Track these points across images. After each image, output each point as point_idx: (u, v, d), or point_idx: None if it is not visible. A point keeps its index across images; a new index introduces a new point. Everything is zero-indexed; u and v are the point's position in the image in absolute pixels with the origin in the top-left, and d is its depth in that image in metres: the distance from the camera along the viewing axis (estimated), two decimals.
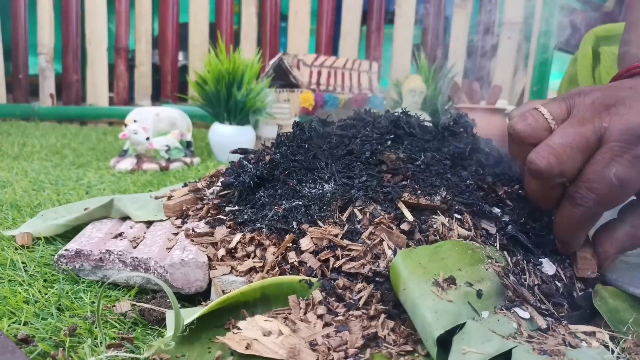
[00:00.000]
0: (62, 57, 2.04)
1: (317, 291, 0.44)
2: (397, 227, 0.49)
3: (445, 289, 0.41)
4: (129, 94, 2.09)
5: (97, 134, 1.73)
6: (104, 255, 0.52)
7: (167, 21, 2.05)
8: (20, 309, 0.44)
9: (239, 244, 0.52)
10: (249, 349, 0.37)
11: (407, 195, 0.51)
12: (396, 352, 0.39)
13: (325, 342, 0.38)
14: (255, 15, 2.03)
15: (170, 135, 1.24)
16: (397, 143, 0.59)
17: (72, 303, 0.47)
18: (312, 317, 0.41)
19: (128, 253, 0.52)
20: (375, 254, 0.47)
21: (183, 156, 1.26)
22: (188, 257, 0.49)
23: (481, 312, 0.41)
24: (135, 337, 0.41)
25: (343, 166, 0.57)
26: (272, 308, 0.44)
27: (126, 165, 1.15)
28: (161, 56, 2.09)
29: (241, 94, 1.27)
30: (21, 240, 0.60)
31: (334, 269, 0.47)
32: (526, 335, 0.40)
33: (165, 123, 1.25)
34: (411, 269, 0.42)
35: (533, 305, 0.44)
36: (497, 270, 0.46)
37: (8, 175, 0.98)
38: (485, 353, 0.35)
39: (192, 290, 0.49)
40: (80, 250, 0.53)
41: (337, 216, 0.51)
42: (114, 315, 0.45)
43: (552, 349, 0.38)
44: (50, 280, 0.52)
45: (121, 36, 2.05)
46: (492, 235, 0.51)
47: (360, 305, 0.43)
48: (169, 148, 1.22)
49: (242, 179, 0.59)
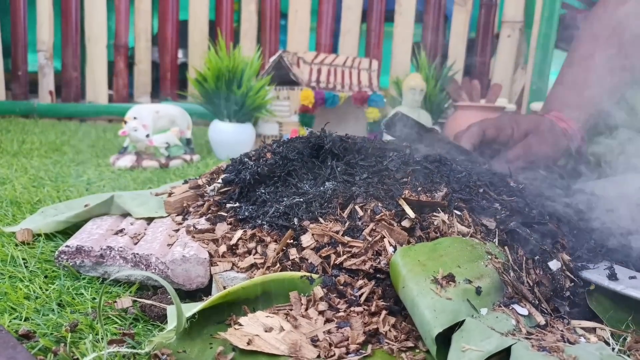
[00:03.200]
0: (61, 54, 2.04)
1: (319, 287, 0.44)
2: (398, 224, 0.49)
3: (444, 286, 0.41)
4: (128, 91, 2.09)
5: (97, 131, 1.73)
6: (104, 251, 0.52)
7: (167, 18, 2.04)
8: (21, 305, 0.45)
9: (240, 241, 0.52)
10: (250, 344, 0.37)
11: (407, 192, 0.51)
12: (397, 348, 0.39)
13: (327, 338, 0.38)
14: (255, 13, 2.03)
15: (170, 132, 1.24)
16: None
17: (73, 299, 0.47)
18: (314, 313, 0.41)
19: (129, 249, 0.52)
20: (376, 251, 0.47)
21: (183, 153, 1.26)
22: (189, 254, 0.49)
23: (480, 309, 0.41)
24: (137, 333, 0.41)
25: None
26: (273, 304, 0.44)
27: (126, 163, 1.15)
28: (161, 53, 2.09)
29: (241, 92, 1.27)
30: (21, 236, 0.60)
31: (335, 265, 0.47)
32: (525, 331, 0.41)
33: (165, 120, 1.25)
34: (410, 266, 0.43)
35: (531, 302, 0.45)
36: (496, 267, 0.46)
37: (8, 172, 0.98)
38: (484, 350, 0.36)
39: (193, 287, 0.49)
40: (81, 246, 0.53)
41: (338, 213, 0.51)
42: (115, 311, 0.45)
43: (551, 346, 0.38)
44: (51, 276, 0.52)
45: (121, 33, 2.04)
46: (492, 230, 0.51)
47: (361, 302, 0.43)
48: (168, 145, 1.22)
49: (242, 175, 0.59)
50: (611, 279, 0.48)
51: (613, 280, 0.47)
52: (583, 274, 0.50)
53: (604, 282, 0.48)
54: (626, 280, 0.47)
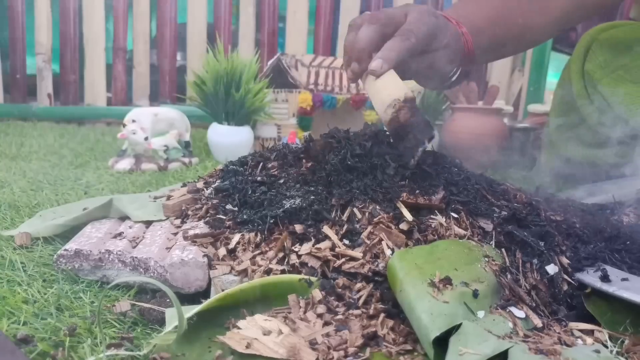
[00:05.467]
0: (59, 57, 2.04)
1: (317, 290, 0.44)
2: (396, 227, 0.49)
3: (441, 289, 0.41)
4: (126, 94, 2.09)
5: (95, 134, 1.73)
6: (103, 255, 0.52)
7: (165, 21, 2.05)
8: (20, 309, 0.45)
9: (239, 244, 0.52)
10: (249, 348, 0.37)
11: (405, 195, 0.51)
12: (396, 351, 0.39)
13: (325, 341, 0.38)
14: (253, 16, 2.03)
15: (168, 135, 1.24)
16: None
17: (72, 303, 0.47)
18: (312, 316, 0.42)
19: (127, 253, 0.52)
20: (374, 254, 0.47)
21: (181, 156, 1.26)
22: (188, 257, 0.49)
23: (477, 312, 0.41)
24: (135, 337, 0.41)
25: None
26: (271, 307, 0.44)
27: (125, 165, 1.15)
28: (159, 56, 2.09)
29: (239, 95, 1.27)
30: (20, 240, 0.60)
31: (334, 268, 0.47)
32: (522, 334, 0.41)
33: (164, 123, 1.25)
34: (407, 269, 0.43)
35: (528, 304, 0.45)
36: (493, 269, 0.46)
37: (6, 176, 0.98)
38: (481, 354, 0.36)
39: (192, 290, 0.49)
40: (79, 250, 0.53)
41: (337, 216, 0.51)
42: (114, 314, 0.45)
43: (548, 349, 0.38)
44: (50, 280, 0.52)
45: (119, 36, 2.04)
46: (489, 233, 0.51)
47: (359, 305, 0.43)
48: (167, 148, 1.23)
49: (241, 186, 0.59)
50: (604, 280, 0.48)
51: (605, 282, 0.48)
52: (577, 276, 0.50)
53: (597, 284, 0.48)
54: (618, 282, 0.47)
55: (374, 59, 0.57)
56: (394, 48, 0.58)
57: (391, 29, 0.60)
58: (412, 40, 0.58)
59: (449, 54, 0.63)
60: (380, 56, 0.57)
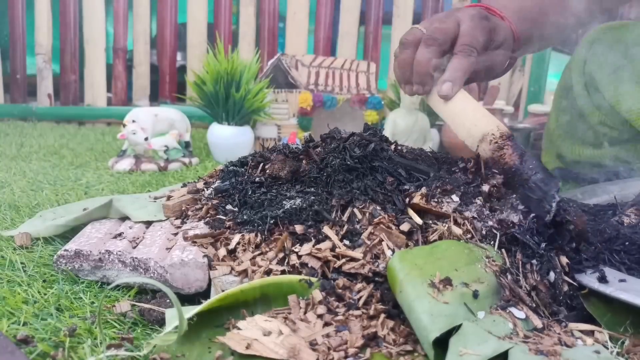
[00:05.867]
0: (59, 57, 2.03)
1: (317, 291, 0.44)
2: (396, 227, 0.49)
3: (441, 290, 0.41)
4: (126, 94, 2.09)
5: (95, 134, 1.73)
6: (103, 255, 0.52)
7: (165, 21, 2.04)
8: (20, 309, 0.45)
9: (239, 245, 0.52)
10: (249, 348, 0.37)
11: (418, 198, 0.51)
12: (396, 352, 0.39)
13: (325, 342, 0.38)
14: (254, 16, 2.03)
15: (168, 135, 1.24)
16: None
17: (72, 303, 0.47)
18: (312, 316, 0.42)
19: (127, 253, 0.52)
20: (374, 254, 0.47)
21: (181, 156, 1.26)
22: (188, 257, 0.49)
23: (477, 312, 0.41)
24: (135, 337, 0.41)
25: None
26: (271, 308, 0.44)
27: (125, 166, 1.15)
28: (159, 56, 2.09)
29: (239, 95, 1.27)
30: (20, 240, 0.60)
31: (334, 269, 0.47)
32: (522, 335, 0.41)
33: (164, 123, 1.25)
34: (407, 270, 0.43)
35: (528, 305, 0.45)
36: (494, 270, 0.46)
37: (6, 176, 0.98)
38: (481, 354, 0.36)
39: (192, 290, 0.49)
40: (79, 250, 0.53)
41: (338, 216, 0.51)
42: (114, 315, 0.45)
43: (548, 349, 0.38)
44: (50, 280, 0.52)
45: (119, 36, 2.04)
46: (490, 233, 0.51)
47: (360, 305, 0.43)
48: (167, 148, 1.22)
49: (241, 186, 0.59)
50: (601, 281, 0.48)
51: (603, 283, 0.48)
52: (576, 277, 0.50)
53: (594, 284, 0.48)
54: (616, 283, 0.47)
55: (443, 83, 0.58)
56: (459, 68, 0.59)
57: (448, 45, 0.61)
58: (474, 55, 0.60)
59: (504, 51, 0.66)
60: (448, 78, 0.58)
